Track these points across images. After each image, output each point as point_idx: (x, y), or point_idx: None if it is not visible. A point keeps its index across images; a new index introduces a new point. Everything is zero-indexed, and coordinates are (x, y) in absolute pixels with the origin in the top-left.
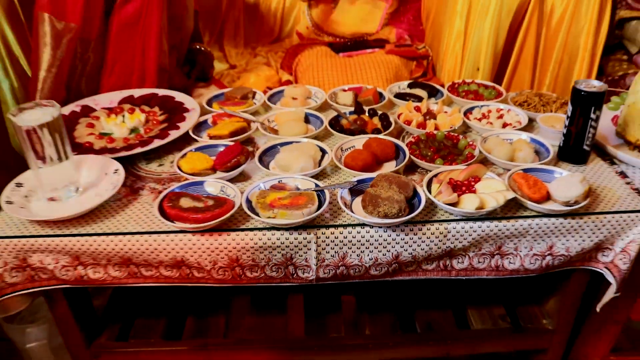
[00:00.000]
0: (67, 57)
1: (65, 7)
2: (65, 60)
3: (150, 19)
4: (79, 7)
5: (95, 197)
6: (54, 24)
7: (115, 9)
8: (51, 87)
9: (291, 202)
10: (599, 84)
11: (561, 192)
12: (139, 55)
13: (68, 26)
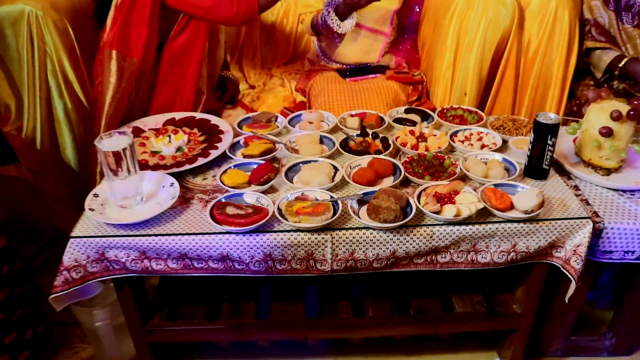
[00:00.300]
0: (128, 86)
1: (130, 45)
2: (126, 89)
3: (194, 50)
4: (141, 45)
5: (156, 205)
6: (120, 59)
7: (168, 42)
8: (114, 111)
9: (312, 210)
10: (555, 117)
11: (521, 203)
12: (183, 80)
13: (131, 61)
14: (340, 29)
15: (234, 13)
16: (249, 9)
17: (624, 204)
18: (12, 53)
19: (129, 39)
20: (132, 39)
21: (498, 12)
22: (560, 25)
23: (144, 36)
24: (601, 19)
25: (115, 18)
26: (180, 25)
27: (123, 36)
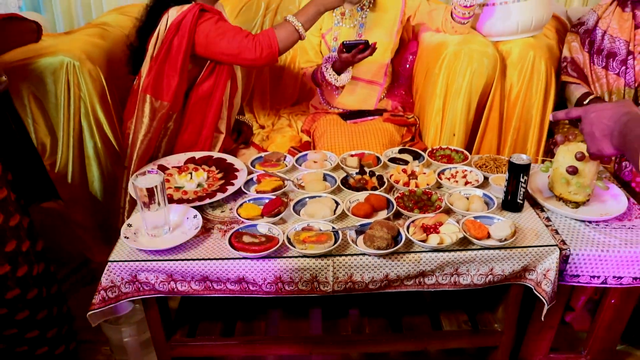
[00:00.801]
0: (159, 126)
1: (162, 90)
2: (157, 128)
3: (215, 94)
4: (172, 90)
5: (182, 234)
6: (153, 102)
7: (194, 87)
8: (146, 148)
9: (317, 239)
10: (526, 158)
11: (496, 232)
12: (205, 120)
13: (162, 104)
14: (337, 83)
15: (257, 56)
16: (271, 52)
17: (589, 234)
18: (51, 98)
19: (161, 85)
20: (164, 85)
21: (482, 63)
22: (537, 74)
23: (174, 83)
24: (578, 58)
25: (151, 67)
26: (206, 73)
27: (157, 82)
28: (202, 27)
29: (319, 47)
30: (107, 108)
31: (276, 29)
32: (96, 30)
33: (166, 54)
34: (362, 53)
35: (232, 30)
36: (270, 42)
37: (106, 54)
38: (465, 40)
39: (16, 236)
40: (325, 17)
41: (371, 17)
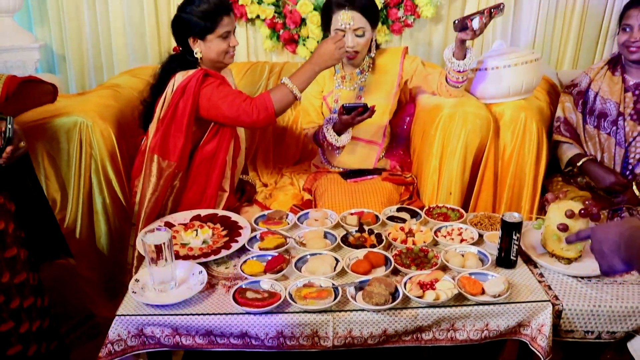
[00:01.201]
0: (165, 185)
1: (168, 150)
2: (163, 187)
3: (219, 155)
4: (178, 150)
5: (187, 289)
6: (160, 162)
7: (199, 148)
8: (153, 205)
9: (317, 295)
10: (518, 216)
11: (490, 289)
12: (209, 179)
13: (169, 164)
14: (338, 143)
15: (255, 119)
16: (267, 115)
17: (582, 289)
18: (64, 155)
19: (168, 145)
20: (170, 146)
21: (476, 124)
22: (529, 134)
23: (180, 143)
24: (571, 118)
25: (158, 128)
26: (210, 135)
27: (163, 143)
28: (205, 91)
29: (320, 109)
30: (116, 166)
31: (272, 92)
32: (108, 92)
33: (172, 116)
34: (362, 115)
35: (232, 94)
36: (266, 105)
37: (117, 114)
38: (460, 103)
39: (20, 293)
40: (326, 80)
41: (370, 80)
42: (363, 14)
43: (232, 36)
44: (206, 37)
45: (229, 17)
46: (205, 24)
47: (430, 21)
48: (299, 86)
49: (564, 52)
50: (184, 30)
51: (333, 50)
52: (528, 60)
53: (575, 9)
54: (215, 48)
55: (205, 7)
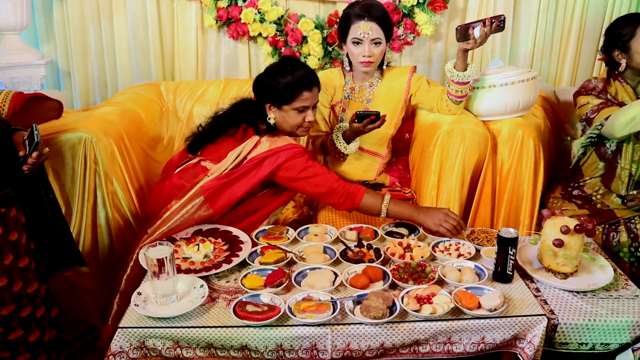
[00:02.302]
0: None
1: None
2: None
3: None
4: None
5: (189, 302)
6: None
7: (247, 200)
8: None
9: (316, 308)
10: (514, 231)
11: (486, 303)
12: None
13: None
14: (346, 151)
15: (339, 203)
16: (351, 206)
17: (577, 303)
18: (68, 170)
19: (219, 196)
20: (221, 197)
21: (474, 141)
22: (526, 150)
23: (233, 199)
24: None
25: (222, 176)
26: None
27: (217, 192)
28: (294, 164)
29: (328, 118)
30: (120, 181)
31: (368, 191)
32: (113, 109)
33: (242, 176)
34: (373, 124)
35: (323, 173)
36: (355, 196)
37: (121, 130)
38: (458, 120)
39: (32, 303)
40: (337, 90)
41: (378, 93)
42: (380, 25)
43: (310, 111)
44: (282, 107)
45: (310, 92)
46: (285, 94)
47: (429, 39)
48: (390, 211)
49: (562, 69)
50: (264, 94)
51: (441, 219)
52: (525, 79)
53: (572, 26)
54: (290, 120)
55: (289, 79)
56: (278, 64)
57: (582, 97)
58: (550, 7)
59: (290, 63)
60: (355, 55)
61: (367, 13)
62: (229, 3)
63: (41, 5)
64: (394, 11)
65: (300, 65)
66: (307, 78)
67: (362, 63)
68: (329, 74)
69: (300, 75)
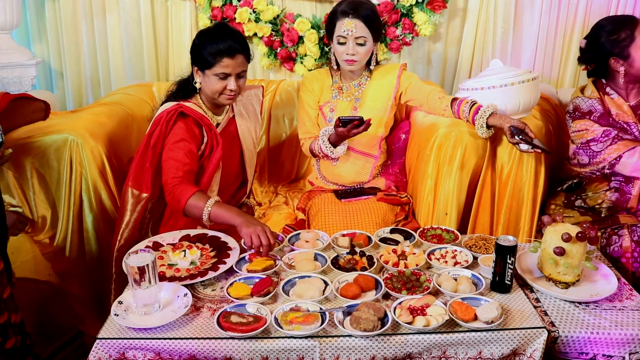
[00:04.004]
0: (138, 218)
1: (142, 181)
2: (138, 217)
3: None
4: (149, 184)
5: (171, 312)
6: (133, 193)
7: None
8: (129, 235)
9: (304, 319)
10: (513, 239)
11: (483, 315)
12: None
13: (141, 196)
14: (333, 155)
15: (168, 200)
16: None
17: (579, 315)
18: (53, 173)
19: (141, 176)
20: (144, 177)
21: (472, 143)
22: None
23: (150, 174)
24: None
25: (134, 158)
26: None
27: (137, 174)
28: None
29: (316, 119)
30: (106, 183)
31: (194, 197)
32: (102, 109)
33: (146, 146)
34: (357, 128)
35: (175, 160)
36: (179, 200)
37: (109, 132)
38: (455, 123)
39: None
40: (323, 90)
41: (367, 92)
42: (366, 23)
43: (232, 79)
44: (205, 71)
45: (231, 59)
46: (207, 58)
47: (428, 40)
48: (212, 214)
49: (564, 72)
50: (192, 57)
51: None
52: (525, 79)
53: (575, 29)
54: (211, 85)
55: (213, 42)
56: (209, 28)
57: (577, 122)
58: (553, 9)
59: (221, 28)
60: (339, 54)
61: (353, 10)
62: (224, 2)
63: (33, 4)
64: (392, 11)
65: (230, 33)
66: (231, 45)
67: (345, 62)
68: (315, 74)
69: (226, 41)
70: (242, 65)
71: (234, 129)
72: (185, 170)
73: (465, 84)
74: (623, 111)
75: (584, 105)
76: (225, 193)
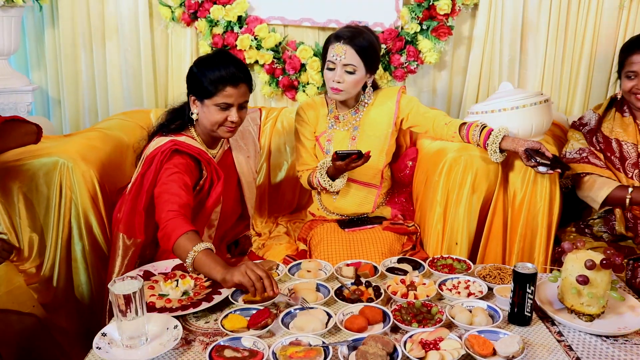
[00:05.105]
0: (131, 263)
1: (134, 226)
2: (130, 262)
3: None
4: (142, 228)
5: (159, 345)
6: (125, 240)
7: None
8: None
9: (305, 354)
10: (532, 266)
11: (503, 349)
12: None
13: (135, 241)
14: (331, 188)
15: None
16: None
17: (607, 350)
18: (42, 198)
19: (133, 221)
20: (136, 221)
21: (483, 168)
22: (541, 179)
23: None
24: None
25: (124, 200)
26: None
27: (129, 218)
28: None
29: (313, 150)
30: (98, 211)
31: (184, 237)
32: (96, 134)
33: (139, 188)
34: (356, 162)
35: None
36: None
37: (103, 156)
38: (465, 147)
39: None
40: (319, 120)
41: (365, 120)
42: (358, 52)
43: (234, 110)
44: (204, 101)
45: (234, 88)
46: (207, 87)
47: (434, 67)
48: (195, 264)
49: (573, 100)
50: (189, 86)
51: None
52: (537, 102)
53: (582, 56)
54: (210, 116)
55: (215, 71)
56: (210, 55)
57: (571, 131)
58: (559, 36)
59: (222, 56)
60: (327, 80)
61: (345, 36)
62: (225, 29)
63: (33, 31)
64: (397, 38)
65: (232, 60)
66: (234, 74)
67: (332, 90)
68: (310, 103)
69: (228, 69)
70: (245, 95)
71: (229, 161)
72: (180, 203)
73: (474, 108)
74: (626, 130)
75: (585, 117)
76: (221, 228)
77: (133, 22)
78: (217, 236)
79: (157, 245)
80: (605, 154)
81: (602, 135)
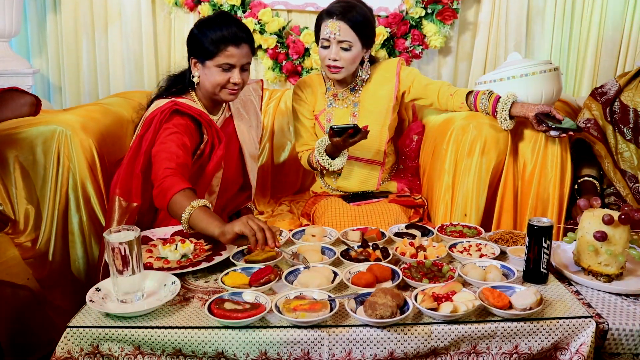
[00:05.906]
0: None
1: (131, 189)
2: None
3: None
4: (139, 192)
5: (156, 300)
6: (121, 203)
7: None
8: None
9: (310, 307)
10: (548, 220)
11: (519, 301)
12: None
13: (131, 205)
14: (331, 167)
15: (154, 194)
16: (163, 201)
17: (629, 307)
18: (39, 168)
19: (130, 184)
20: (133, 185)
21: (491, 136)
22: (552, 149)
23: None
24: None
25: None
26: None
27: (126, 181)
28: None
29: (313, 129)
30: (96, 182)
31: (179, 195)
32: (96, 107)
33: (136, 150)
34: (353, 137)
35: (166, 153)
36: (165, 195)
37: (102, 128)
38: (473, 115)
39: None
40: (317, 98)
41: (365, 95)
42: (353, 28)
43: (236, 71)
44: (206, 62)
45: (237, 48)
46: (209, 47)
47: (439, 53)
48: (192, 220)
49: (580, 86)
50: (190, 48)
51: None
52: (547, 69)
53: (589, 41)
54: (211, 78)
55: (216, 29)
56: (210, 16)
57: (589, 99)
58: (566, 22)
59: (223, 16)
60: (322, 59)
61: (338, 12)
62: None
63: (34, 15)
64: (401, 22)
65: (234, 20)
66: (236, 33)
67: (328, 68)
68: (306, 80)
69: (230, 28)
70: (247, 56)
71: (231, 129)
72: (178, 162)
73: (482, 78)
74: None
75: (607, 85)
76: (222, 197)
77: (135, 7)
78: (218, 205)
79: (155, 212)
80: (618, 126)
81: (621, 103)
